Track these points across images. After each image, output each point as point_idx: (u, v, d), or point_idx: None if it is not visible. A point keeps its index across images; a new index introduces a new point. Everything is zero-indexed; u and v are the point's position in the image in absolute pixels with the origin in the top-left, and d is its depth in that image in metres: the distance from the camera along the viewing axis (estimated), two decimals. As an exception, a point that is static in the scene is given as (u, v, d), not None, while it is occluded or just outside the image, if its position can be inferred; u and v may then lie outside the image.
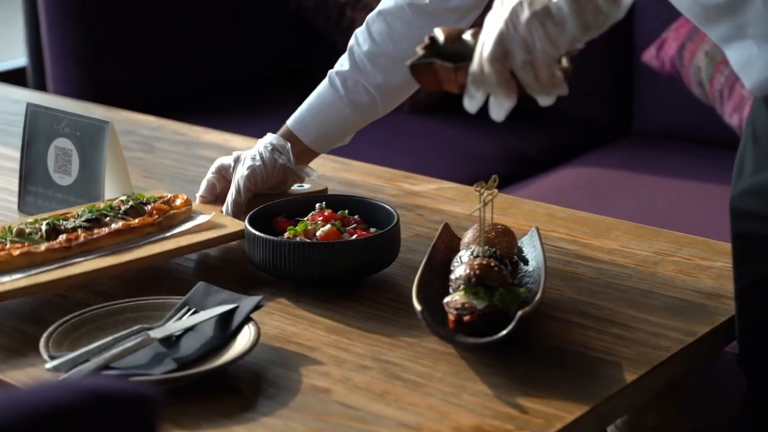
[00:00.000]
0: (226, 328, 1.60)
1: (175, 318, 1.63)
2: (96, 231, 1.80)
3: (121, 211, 1.86)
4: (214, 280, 1.71)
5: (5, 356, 1.60)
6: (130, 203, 1.88)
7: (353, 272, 1.76)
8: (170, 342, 1.59)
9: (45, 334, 1.57)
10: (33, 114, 2.07)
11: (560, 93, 1.40)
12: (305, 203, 1.87)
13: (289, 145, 1.97)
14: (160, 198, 1.92)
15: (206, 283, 1.68)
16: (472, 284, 1.57)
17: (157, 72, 3.59)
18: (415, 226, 2.01)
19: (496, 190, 1.66)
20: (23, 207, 2.08)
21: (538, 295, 1.60)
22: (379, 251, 1.76)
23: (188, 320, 1.62)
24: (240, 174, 1.94)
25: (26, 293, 1.68)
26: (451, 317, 1.57)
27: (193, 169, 2.28)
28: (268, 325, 1.67)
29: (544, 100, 1.41)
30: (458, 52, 1.47)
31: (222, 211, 1.94)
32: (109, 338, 1.56)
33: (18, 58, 3.81)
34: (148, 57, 3.57)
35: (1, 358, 1.59)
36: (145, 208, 1.88)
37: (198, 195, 1.99)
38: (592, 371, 1.53)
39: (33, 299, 1.73)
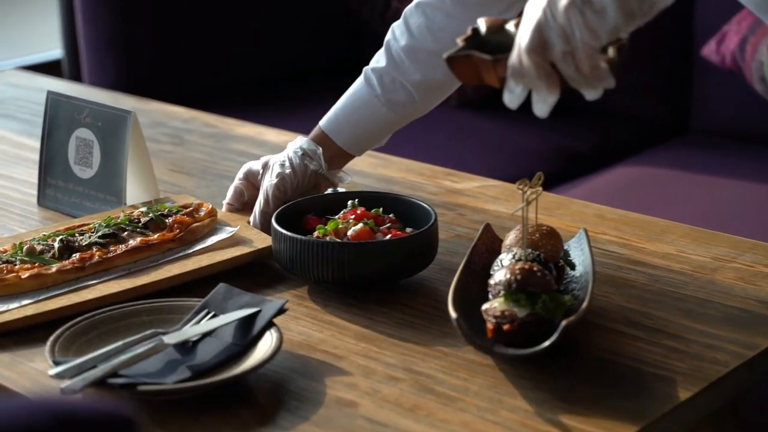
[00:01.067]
0: (246, 334, 1.49)
1: (192, 322, 1.52)
2: (112, 248, 1.69)
3: (140, 225, 1.75)
4: (237, 282, 1.60)
5: (11, 360, 1.49)
6: (150, 215, 1.77)
7: (386, 275, 1.64)
8: (186, 348, 1.48)
9: (52, 338, 1.46)
10: (54, 102, 1.96)
11: (606, 86, 1.30)
12: (337, 200, 1.75)
13: (320, 150, 1.83)
14: (184, 208, 1.80)
15: (227, 285, 1.57)
16: (512, 290, 1.44)
17: (194, 63, 3.49)
18: (455, 226, 1.88)
19: (540, 188, 1.54)
20: (43, 201, 1.98)
21: (585, 303, 1.47)
22: (414, 252, 1.64)
23: (206, 325, 1.50)
24: (268, 182, 1.81)
25: (33, 322, 1.56)
26: (489, 326, 1.45)
27: (223, 163, 2.17)
28: (293, 331, 1.56)
29: (590, 94, 1.31)
30: (501, 44, 1.36)
31: (249, 222, 1.82)
32: (119, 343, 1.44)
33: (53, 50, 3.73)
34: (185, 48, 3.46)
35: (7, 362, 1.49)
36: (166, 221, 1.76)
37: (225, 202, 1.87)
38: (643, 387, 1.41)
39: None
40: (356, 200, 1.73)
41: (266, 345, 1.46)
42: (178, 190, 2.04)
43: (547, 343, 1.40)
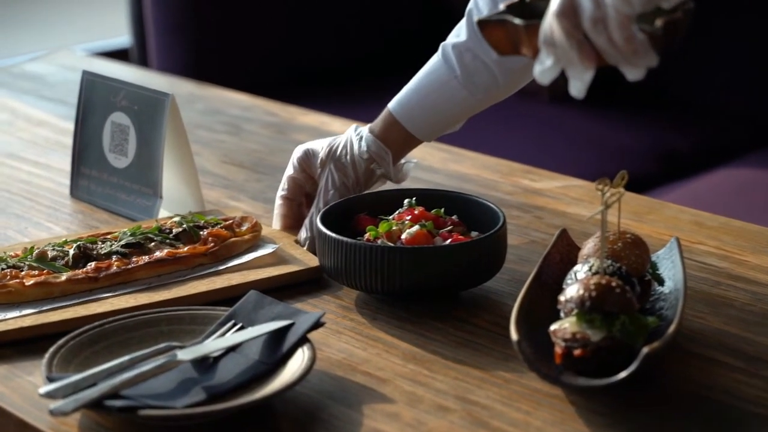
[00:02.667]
0: (275, 351, 1.29)
1: (216, 335, 1.32)
2: (135, 260, 1.49)
3: (171, 235, 1.55)
4: (272, 289, 1.40)
5: (8, 373, 1.31)
6: (184, 226, 1.56)
7: (444, 285, 1.42)
8: (205, 365, 1.28)
9: (52, 349, 1.27)
10: (88, 83, 1.78)
11: (646, 63, 1.15)
12: (392, 198, 1.53)
13: (390, 156, 1.59)
14: (225, 221, 1.59)
15: (258, 293, 1.37)
16: (586, 309, 1.22)
17: (264, 50, 3.27)
18: (530, 231, 1.66)
19: (622, 190, 1.31)
20: (75, 192, 1.79)
21: (673, 326, 1.24)
22: (478, 260, 1.42)
23: (230, 338, 1.30)
24: (326, 197, 1.58)
25: (30, 334, 1.37)
26: (557, 350, 1.23)
27: (279, 155, 1.97)
28: (332, 347, 1.35)
29: (630, 73, 1.16)
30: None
31: (299, 240, 1.59)
32: (126, 358, 1.25)
33: (121, 36, 3.58)
34: (255, 33, 3.26)
35: (3, 376, 1.30)
36: (201, 233, 1.56)
37: (280, 195, 1.64)
38: (740, 427, 1.19)
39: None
40: (414, 199, 1.51)
41: (297, 364, 1.26)
42: (226, 183, 1.84)
43: (624, 374, 1.18)
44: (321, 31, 3.37)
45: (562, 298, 1.26)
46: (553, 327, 1.25)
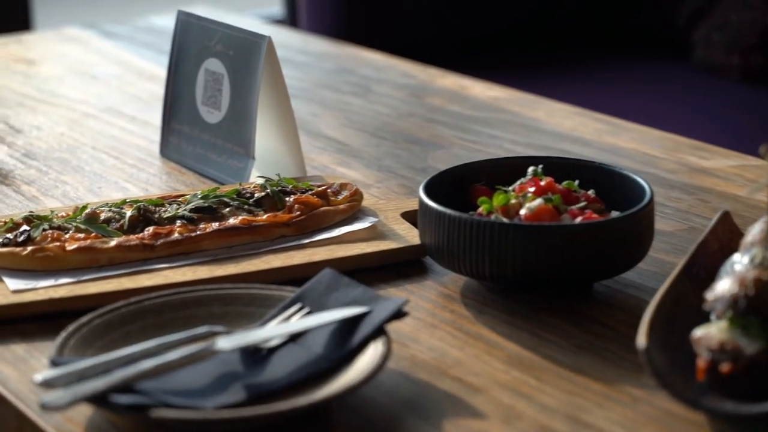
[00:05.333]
0: (344, 344, 1.02)
1: (277, 319, 1.06)
2: (202, 227, 1.25)
3: (251, 200, 1.30)
4: (363, 270, 1.18)
5: (25, 353, 1.08)
6: (268, 190, 1.31)
7: (569, 274, 1.14)
8: (257, 357, 1.03)
9: (71, 327, 1.04)
10: (183, 25, 1.54)
11: None
12: (517, 166, 1.25)
13: None
14: (320, 187, 1.34)
15: (335, 272, 1.11)
16: (740, 311, 0.93)
17: (414, 16, 2.96)
18: (691, 216, 1.36)
19: (797, 159, 1.01)
20: (165, 150, 1.56)
21: None
22: (613, 245, 1.14)
23: (289, 326, 1.05)
24: None
25: (61, 308, 1.13)
26: (700, 363, 0.94)
27: (408, 119, 1.71)
28: (422, 344, 1.08)
29: None
30: None
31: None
32: (152, 343, 1.00)
33: (272, 6, 3.37)
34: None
35: (19, 356, 1.07)
36: (287, 199, 1.30)
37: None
38: None
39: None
40: (540, 167, 1.23)
41: (366, 362, 0.99)
42: (339, 148, 1.59)
43: (787, 400, 0.88)
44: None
45: (710, 295, 0.96)
46: (696, 333, 0.96)
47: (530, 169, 1.22)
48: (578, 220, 1.15)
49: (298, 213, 1.27)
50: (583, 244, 1.13)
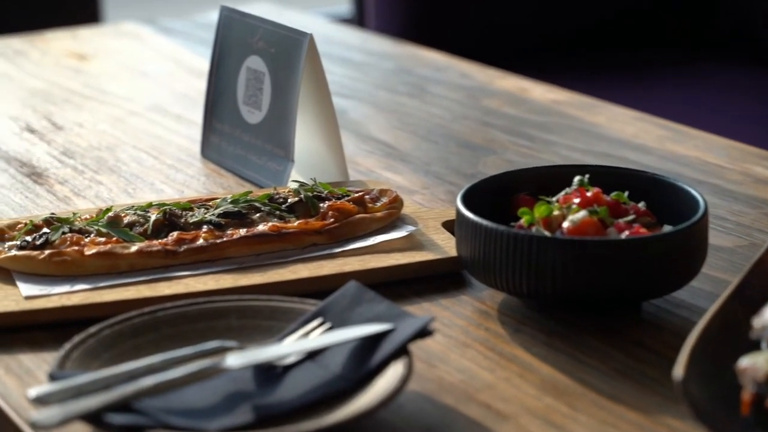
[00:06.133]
0: (363, 364, 0.96)
1: (296, 335, 1.00)
2: (230, 233, 1.18)
3: (283, 206, 1.24)
4: (397, 282, 1.12)
5: (32, 364, 1.03)
6: (302, 195, 1.25)
7: (613, 293, 1.06)
8: (271, 375, 0.96)
9: (76, 338, 0.98)
10: (226, 21, 1.48)
11: None
12: (563, 175, 1.17)
13: None
14: (358, 193, 1.27)
15: (359, 285, 1.04)
16: (790, 341, 0.85)
17: (483, 15, 2.87)
18: (754, 231, 1.28)
19: None
20: (206, 151, 1.50)
21: None
22: (660, 263, 1.06)
23: (306, 343, 0.98)
24: None
25: (74, 316, 1.08)
26: (745, 396, 0.86)
27: (463, 123, 1.63)
28: (451, 364, 1.01)
29: None
30: None
31: None
32: (157, 359, 0.94)
33: (341, 5, 3.31)
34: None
35: (24, 368, 1.02)
36: (321, 206, 1.24)
37: None
38: None
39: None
40: (586, 176, 1.15)
41: (386, 384, 0.93)
42: (387, 151, 1.52)
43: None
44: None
45: (757, 322, 0.88)
46: (742, 363, 0.88)
47: (576, 179, 1.14)
48: (624, 234, 1.07)
49: (332, 220, 1.21)
50: (626, 261, 1.05)
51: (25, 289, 1.11)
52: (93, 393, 0.89)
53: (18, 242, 1.16)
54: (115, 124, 1.63)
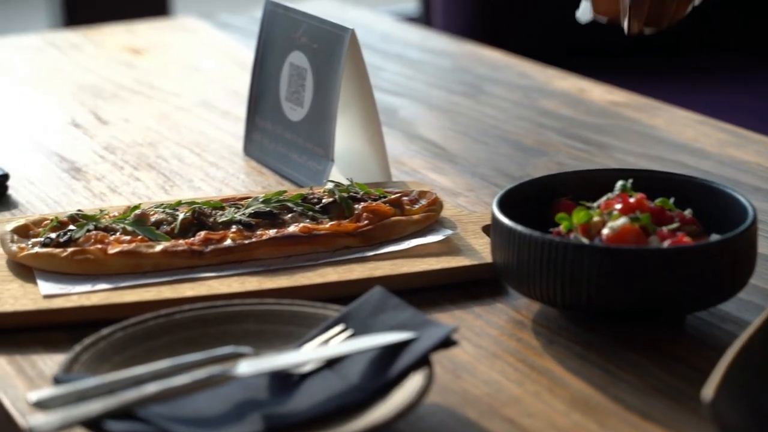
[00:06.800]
0: (382, 374, 0.91)
1: (316, 341, 0.96)
2: (259, 233, 1.14)
3: (317, 207, 1.19)
4: (430, 288, 1.08)
5: (44, 366, 0.99)
6: (336, 196, 1.21)
7: (653, 304, 1.01)
8: (286, 383, 0.92)
9: (87, 341, 0.95)
10: (270, 15, 1.45)
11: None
12: (605, 180, 1.12)
13: None
14: (396, 194, 1.22)
15: (384, 291, 0.99)
16: (830, 363, 0.79)
17: (561, 16, 2.80)
18: (812, 242, 1.21)
19: None
20: (248, 148, 1.47)
21: None
22: (703, 275, 1.00)
23: (324, 350, 0.94)
24: None
25: (92, 317, 1.04)
26: (782, 421, 0.80)
27: (517, 124, 1.58)
28: (478, 376, 0.96)
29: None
30: None
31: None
32: (166, 364, 0.90)
33: (408, 2, 3.26)
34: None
35: (38, 371, 0.99)
36: (356, 207, 1.19)
37: None
38: None
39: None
40: (629, 181, 1.09)
41: (404, 396, 0.88)
42: (435, 152, 1.48)
43: None
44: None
45: (796, 341, 0.82)
46: (780, 385, 0.82)
47: (618, 184, 1.09)
48: (666, 243, 1.02)
49: (366, 222, 1.16)
50: (666, 272, 0.99)
51: (45, 287, 1.07)
52: (96, 398, 0.86)
53: (42, 239, 1.13)
54: (160, 120, 1.60)
